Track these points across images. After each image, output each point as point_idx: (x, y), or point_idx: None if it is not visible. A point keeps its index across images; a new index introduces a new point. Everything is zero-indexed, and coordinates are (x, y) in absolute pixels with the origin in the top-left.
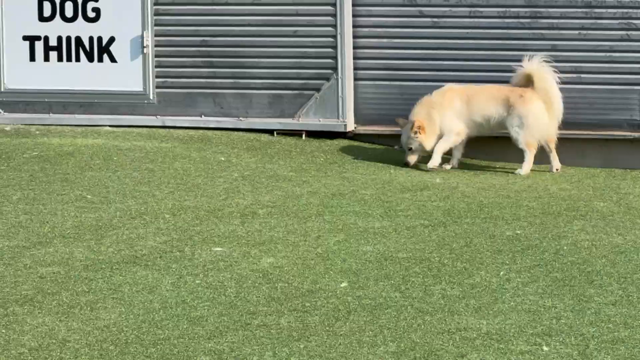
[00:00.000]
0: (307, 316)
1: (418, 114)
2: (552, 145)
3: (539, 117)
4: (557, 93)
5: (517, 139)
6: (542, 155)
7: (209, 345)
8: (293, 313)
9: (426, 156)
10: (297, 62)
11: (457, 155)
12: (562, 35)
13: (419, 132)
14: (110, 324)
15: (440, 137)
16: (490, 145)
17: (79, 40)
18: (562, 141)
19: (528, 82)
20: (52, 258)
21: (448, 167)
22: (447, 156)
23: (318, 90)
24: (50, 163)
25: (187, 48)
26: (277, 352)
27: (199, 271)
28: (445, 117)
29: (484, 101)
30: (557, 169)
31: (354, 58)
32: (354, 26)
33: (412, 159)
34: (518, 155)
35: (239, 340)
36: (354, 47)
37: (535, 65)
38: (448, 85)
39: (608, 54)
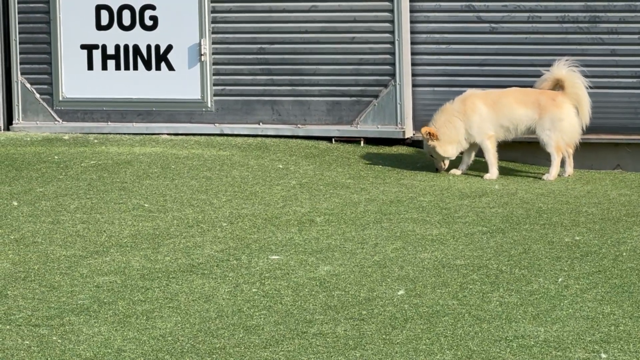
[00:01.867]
0: (364, 324)
1: (436, 121)
2: (572, 151)
3: (572, 121)
4: (587, 99)
5: (547, 142)
6: (603, 161)
7: (265, 354)
8: (349, 321)
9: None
10: (355, 68)
11: (467, 160)
12: (621, 40)
13: (431, 139)
14: (166, 333)
15: (460, 144)
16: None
17: (136, 48)
18: (622, 146)
19: (555, 86)
20: (109, 267)
21: (458, 172)
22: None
23: (376, 96)
24: (108, 172)
25: (244, 55)
26: None
27: (256, 279)
28: (473, 124)
29: (512, 105)
30: (569, 175)
31: (412, 64)
32: (412, 32)
33: (439, 165)
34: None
35: (295, 349)
36: (412, 53)
37: (566, 70)
38: (469, 91)
39: None
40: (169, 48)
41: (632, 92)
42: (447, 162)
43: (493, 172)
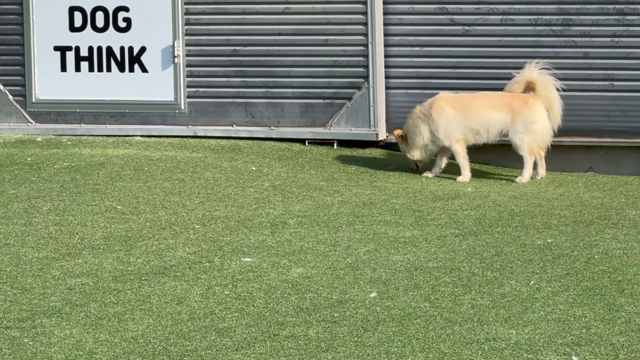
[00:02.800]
0: (336, 327)
1: (407, 124)
2: (543, 153)
3: (544, 123)
4: (559, 101)
5: (520, 145)
6: (575, 164)
7: (237, 356)
8: (321, 324)
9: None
10: (329, 71)
11: (440, 163)
12: (594, 43)
13: (402, 142)
14: (138, 335)
15: (427, 148)
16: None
17: (110, 50)
18: (594, 149)
19: (526, 89)
20: (81, 269)
21: (431, 175)
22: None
23: (349, 99)
24: (80, 174)
25: (218, 57)
26: None
27: (228, 282)
28: (440, 128)
29: (484, 108)
30: (542, 177)
31: (386, 67)
32: (385, 34)
33: (413, 165)
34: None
35: (267, 352)
36: (385, 56)
37: (537, 72)
38: (440, 94)
39: None
40: (143, 50)
41: (604, 94)
42: (420, 163)
43: (465, 175)
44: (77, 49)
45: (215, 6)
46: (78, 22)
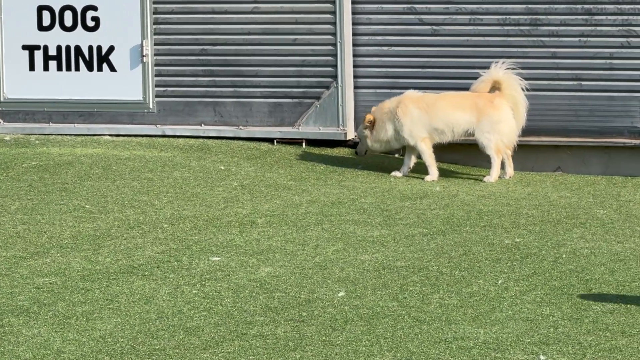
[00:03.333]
0: (304, 326)
1: (375, 114)
2: (510, 152)
3: (510, 123)
4: (524, 101)
5: (487, 145)
6: (543, 164)
7: (205, 355)
8: (289, 323)
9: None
10: (297, 70)
11: (409, 162)
12: (562, 43)
13: (369, 128)
14: (105, 334)
15: (388, 144)
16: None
17: (78, 49)
18: (562, 148)
19: (493, 88)
20: (49, 268)
21: (399, 174)
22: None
23: (318, 98)
24: (49, 173)
25: (186, 57)
26: None
27: (196, 281)
28: (404, 127)
29: (448, 109)
30: (510, 176)
31: (354, 66)
32: (354, 34)
33: (361, 150)
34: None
35: (235, 351)
36: (354, 55)
37: (503, 72)
38: (406, 93)
39: (608, 61)
40: (111, 49)
41: (572, 94)
42: (369, 153)
43: (433, 173)
44: (46, 48)
45: (184, 5)
46: (46, 21)
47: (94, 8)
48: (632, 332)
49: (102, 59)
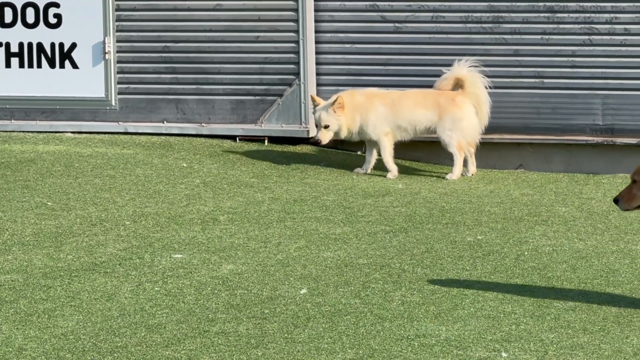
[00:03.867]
0: (266, 323)
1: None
2: (473, 150)
3: (472, 120)
4: (487, 98)
5: (449, 142)
6: (505, 161)
7: (167, 353)
8: (252, 320)
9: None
10: (260, 67)
11: (370, 159)
12: (524, 40)
13: (338, 111)
14: (67, 332)
15: (350, 136)
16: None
17: (40, 46)
18: (524, 146)
19: (456, 86)
20: (11, 265)
21: (362, 171)
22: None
23: (281, 95)
24: (11, 170)
25: (149, 54)
26: (234, 359)
27: (158, 278)
28: (369, 122)
29: (411, 107)
30: (472, 174)
31: (317, 63)
32: (316, 31)
33: (327, 136)
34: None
35: (197, 348)
36: (317, 53)
37: (466, 70)
38: (370, 90)
39: (570, 58)
40: (73, 46)
41: (534, 92)
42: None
43: (393, 169)
44: (7, 45)
45: (146, 2)
46: (8, 18)
47: (56, 5)
48: (594, 329)
49: (64, 56)
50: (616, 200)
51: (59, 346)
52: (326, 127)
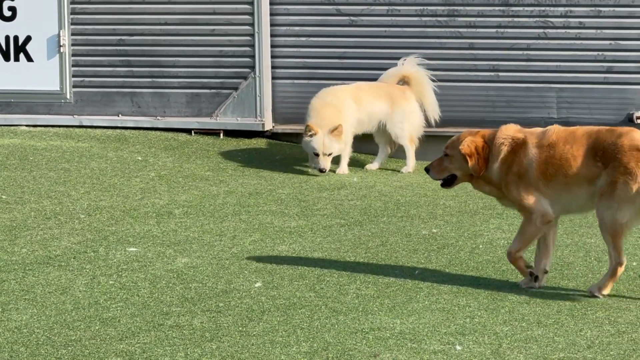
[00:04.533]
0: (221, 316)
1: (330, 117)
2: (416, 145)
3: (420, 115)
4: (432, 96)
5: (401, 135)
6: None
7: (121, 346)
8: (206, 313)
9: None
10: (215, 61)
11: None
12: (479, 34)
13: (339, 137)
14: (21, 325)
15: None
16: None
17: None
18: None
19: (401, 82)
20: None
21: (375, 166)
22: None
23: (236, 89)
24: None
25: (104, 47)
26: (189, 352)
27: (113, 272)
28: (346, 121)
29: (371, 99)
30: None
31: (272, 57)
32: (272, 25)
33: (329, 162)
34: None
35: (151, 341)
36: (272, 46)
37: (412, 67)
38: (335, 87)
39: (525, 52)
40: (28, 39)
41: (489, 85)
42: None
43: (346, 164)
44: None
45: None
46: None
47: None
48: (548, 322)
49: (19, 49)
50: (427, 170)
51: (13, 340)
52: (330, 154)
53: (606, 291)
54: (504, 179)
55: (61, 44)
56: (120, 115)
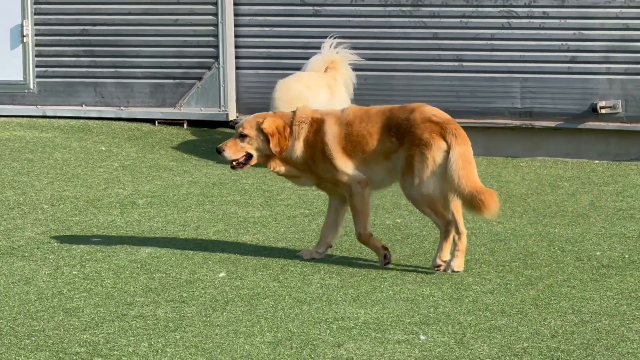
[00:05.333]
0: (184, 306)
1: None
2: None
3: (348, 101)
4: (353, 79)
5: None
6: None
7: (84, 336)
8: (170, 303)
9: None
10: (179, 51)
11: None
12: (443, 24)
13: None
14: None
15: None
16: None
17: None
18: None
19: (325, 68)
20: None
21: None
22: None
23: (200, 79)
24: None
25: (67, 37)
26: (152, 343)
27: (77, 262)
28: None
29: (320, 88)
30: None
31: (236, 47)
32: (236, 14)
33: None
34: None
35: (115, 332)
36: (236, 36)
37: (337, 52)
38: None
39: (489, 42)
40: None
41: (453, 75)
42: None
43: None
44: None
45: None
46: None
47: None
48: (512, 311)
49: None
50: (219, 150)
51: None
52: None
53: (445, 256)
54: (311, 158)
55: (24, 34)
56: (83, 105)
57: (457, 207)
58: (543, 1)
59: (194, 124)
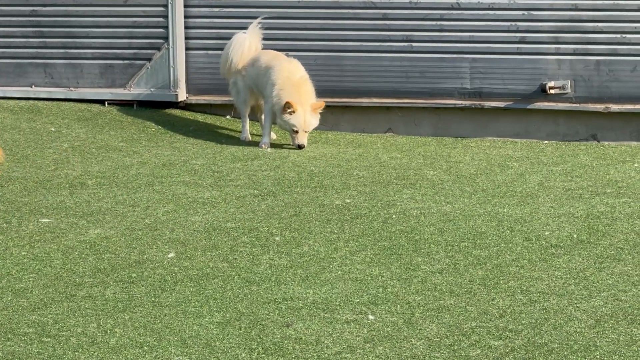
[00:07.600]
0: (133, 287)
1: (307, 92)
2: None
3: None
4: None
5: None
6: (374, 125)
7: (33, 317)
8: (119, 284)
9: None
10: (128, 31)
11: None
12: (392, 4)
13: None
14: None
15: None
16: None
17: None
18: (393, 110)
19: (252, 49)
20: None
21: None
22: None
23: (149, 60)
24: None
25: (16, 18)
26: (101, 323)
27: (25, 242)
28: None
29: (284, 69)
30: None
31: (186, 27)
32: None
33: (307, 138)
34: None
35: (64, 312)
36: (186, 17)
37: (259, 32)
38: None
39: (438, 22)
40: None
41: (403, 56)
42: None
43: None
44: None
45: None
46: None
47: None
48: (460, 291)
49: None
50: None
51: None
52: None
53: None
54: None
55: None
56: (33, 86)
57: None
58: None
59: (143, 104)
